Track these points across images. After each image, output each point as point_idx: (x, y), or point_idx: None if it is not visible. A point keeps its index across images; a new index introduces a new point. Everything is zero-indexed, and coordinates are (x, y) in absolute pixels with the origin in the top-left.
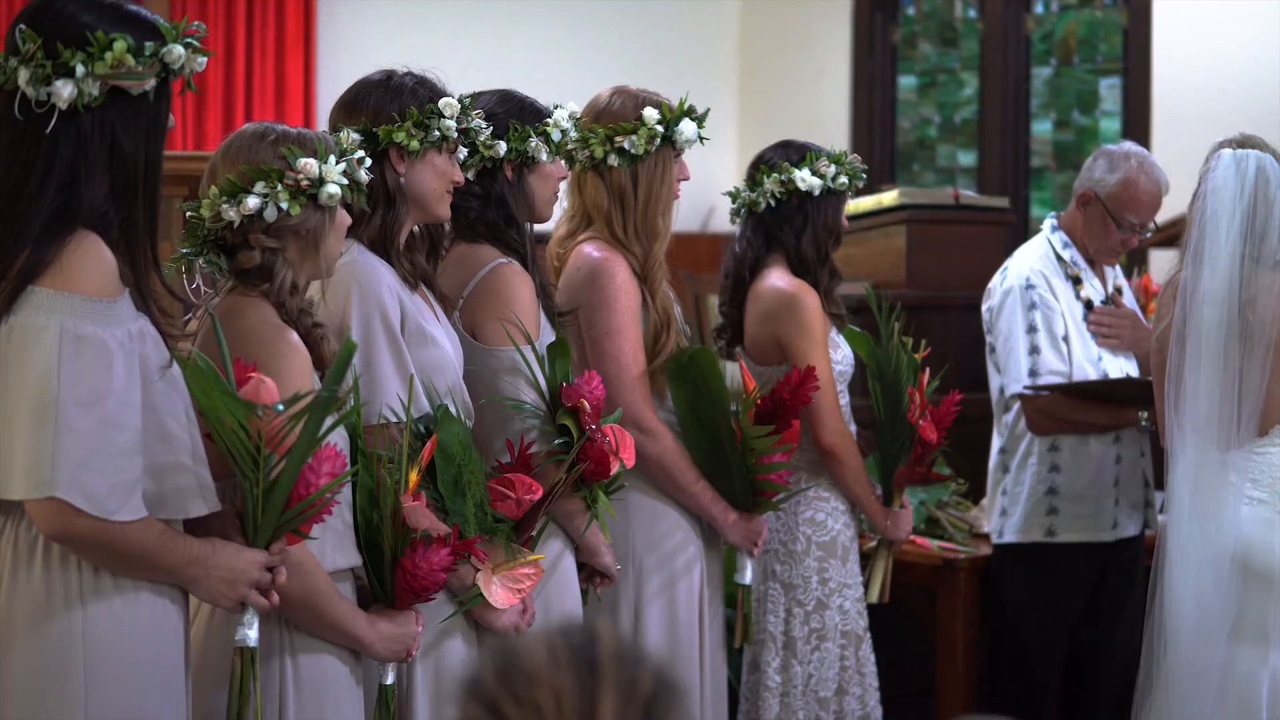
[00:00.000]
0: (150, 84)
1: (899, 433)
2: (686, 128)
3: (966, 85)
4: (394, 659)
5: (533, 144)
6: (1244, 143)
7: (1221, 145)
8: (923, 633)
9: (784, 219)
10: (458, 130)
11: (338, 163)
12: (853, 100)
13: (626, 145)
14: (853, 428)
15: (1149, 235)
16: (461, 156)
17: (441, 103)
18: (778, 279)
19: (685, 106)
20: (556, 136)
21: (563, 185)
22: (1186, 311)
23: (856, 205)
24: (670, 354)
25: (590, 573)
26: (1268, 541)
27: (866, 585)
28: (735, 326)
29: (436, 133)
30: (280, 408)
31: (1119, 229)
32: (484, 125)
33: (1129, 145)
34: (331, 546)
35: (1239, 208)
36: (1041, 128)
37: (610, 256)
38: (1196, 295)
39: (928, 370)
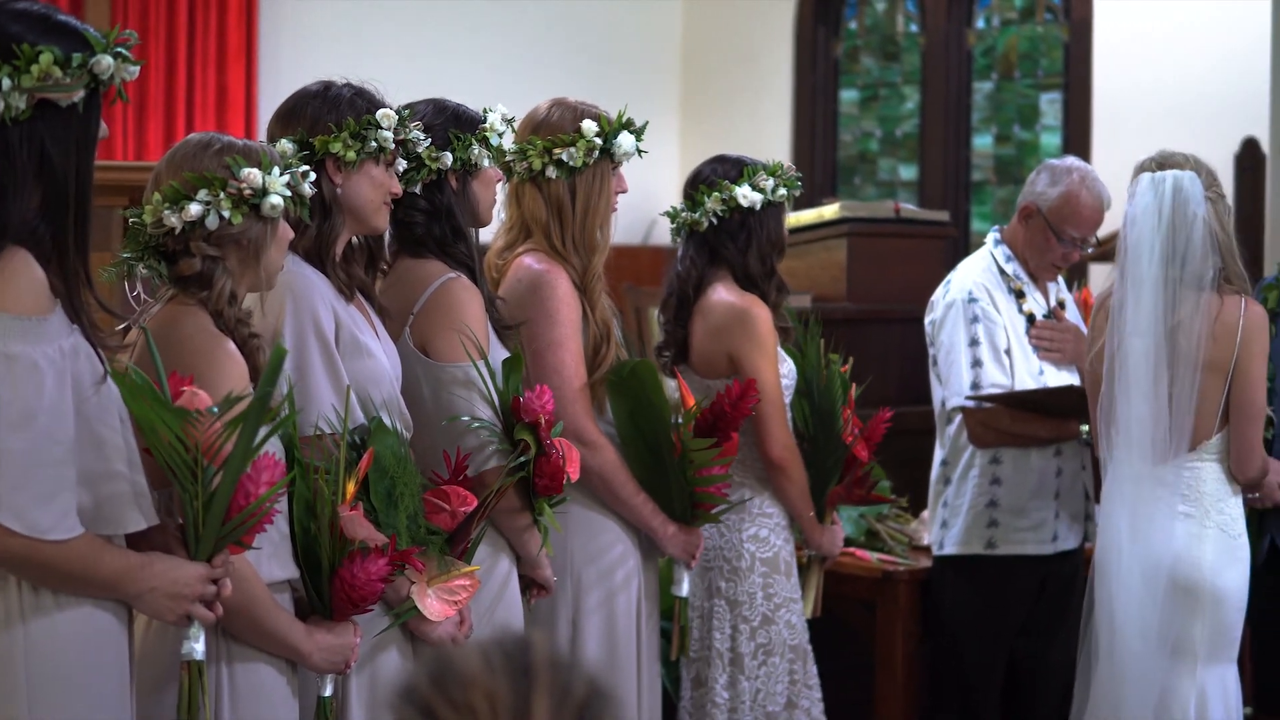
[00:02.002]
0: (79, 95)
1: (831, 450)
2: (625, 140)
3: (908, 99)
4: (332, 670)
5: (475, 151)
6: (1164, 163)
7: (1142, 168)
8: (862, 644)
9: (727, 235)
10: (395, 141)
11: (281, 174)
12: (794, 113)
13: (565, 157)
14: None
15: (1090, 250)
16: (400, 168)
17: (379, 114)
18: (727, 293)
19: (624, 119)
20: (495, 140)
21: (500, 196)
22: (1117, 335)
23: (797, 218)
24: (611, 366)
25: (528, 584)
26: (1194, 556)
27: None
28: (679, 344)
29: (374, 144)
30: (215, 410)
31: (1060, 243)
32: (422, 137)
33: (1071, 160)
34: (268, 557)
35: (1159, 233)
36: (982, 142)
37: (551, 268)
38: (1124, 324)
39: (854, 385)
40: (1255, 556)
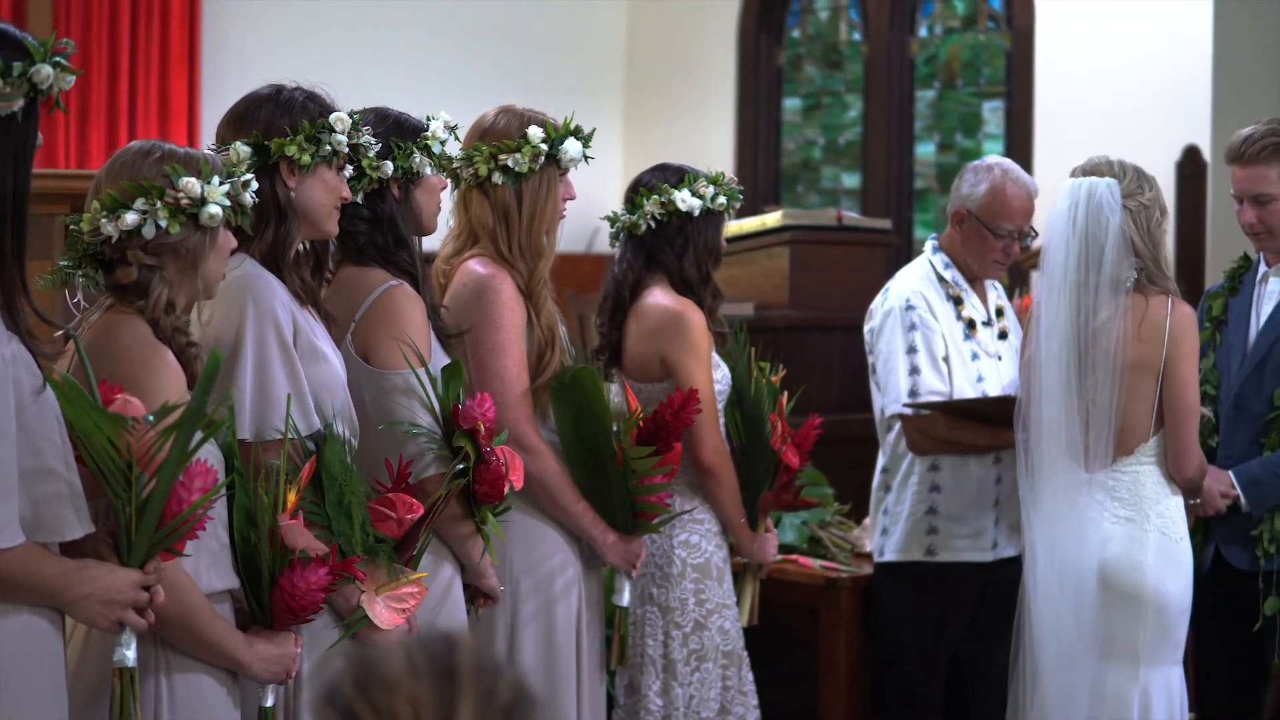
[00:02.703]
0: (18, 105)
1: (761, 458)
2: (571, 146)
3: (851, 107)
4: (273, 680)
5: (417, 159)
6: (1091, 170)
7: (1071, 174)
8: (805, 651)
9: (665, 240)
10: (348, 145)
11: (221, 184)
12: (737, 121)
13: (511, 163)
14: (726, 448)
15: (1029, 242)
16: (348, 174)
17: (333, 117)
18: (662, 297)
19: (570, 126)
20: (437, 148)
21: (448, 204)
22: (1038, 340)
23: (740, 226)
24: (554, 373)
25: (473, 593)
26: (1135, 561)
27: (737, 608)
28: (614, 347)
29: (328, 147)
30: (150, 419)
31: (997, 238)
32: (373, 141)
33: (992, 158)
34: (206, 566)
35: (1074, 237)
36: (925, 150)
37: (496, 274)
38: (1042, 324)
39: (785, 393)
40: (1201, 564)
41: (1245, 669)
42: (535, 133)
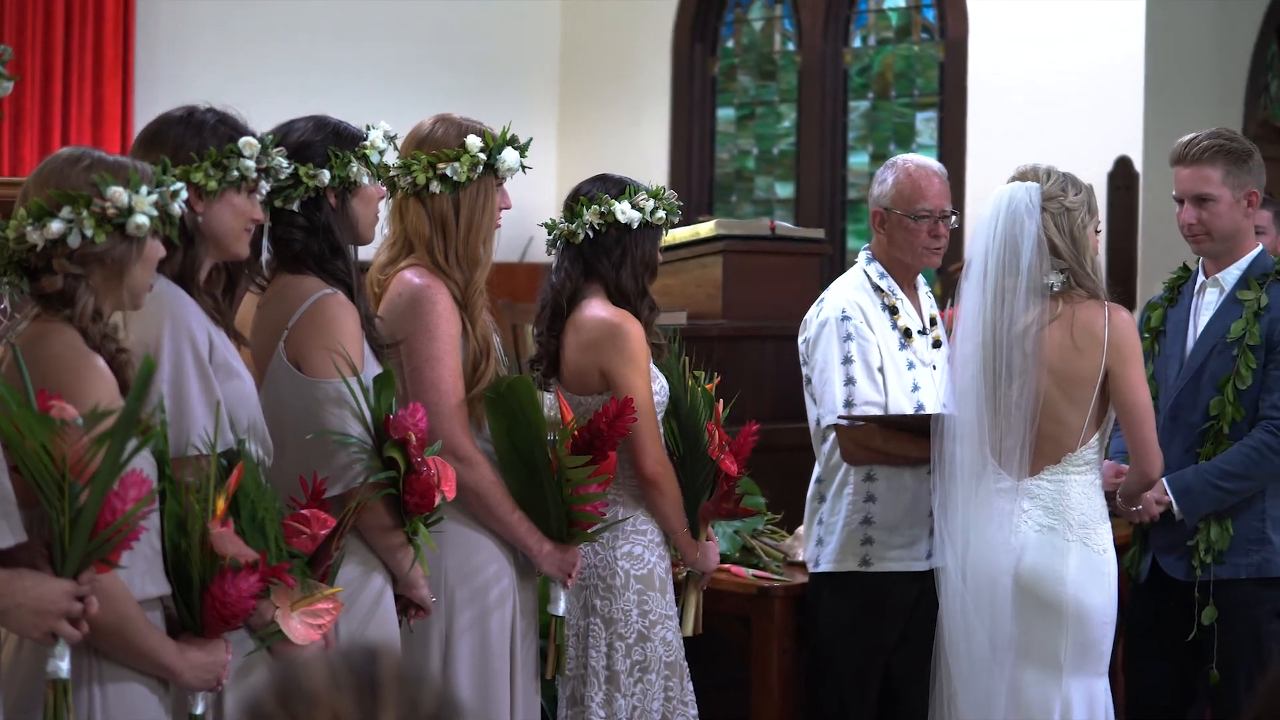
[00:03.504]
0: None
1: (700, 466)
2: (509, 156)
3: (785, 118)
4: (204, 688)
5: (354, 169)
6: (1020, 176)
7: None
8: (738, 660)
9: (602, 250)
10: (258, 170)
11: (149, 193)
12: (672, 131)
13: (449, 172)
14: None
15: (953, 219)
16: (264, 192)
17: (241, 142)
18: (600, 308)
19: (508, 135)
20: (375, 158)
21: (384, 211)
22: (957, 345)
23: (673, 236)
24: (489, 383)
25: (405, 604)
26: (1056, 571)
27: (680, 618)
28: (552, 357)
29: (235, 173)
30: (80, 423)
31: (918, 221)
32: (285, 164)
33: (892, 158)
34: (140, 573)
35: (993, 244)
36: (858, 160)
37: (431, 284)
38: (961, 329)
39: (721, 401)
40: (1138, 574)
41: (1182, 679)
42: (474, 142)
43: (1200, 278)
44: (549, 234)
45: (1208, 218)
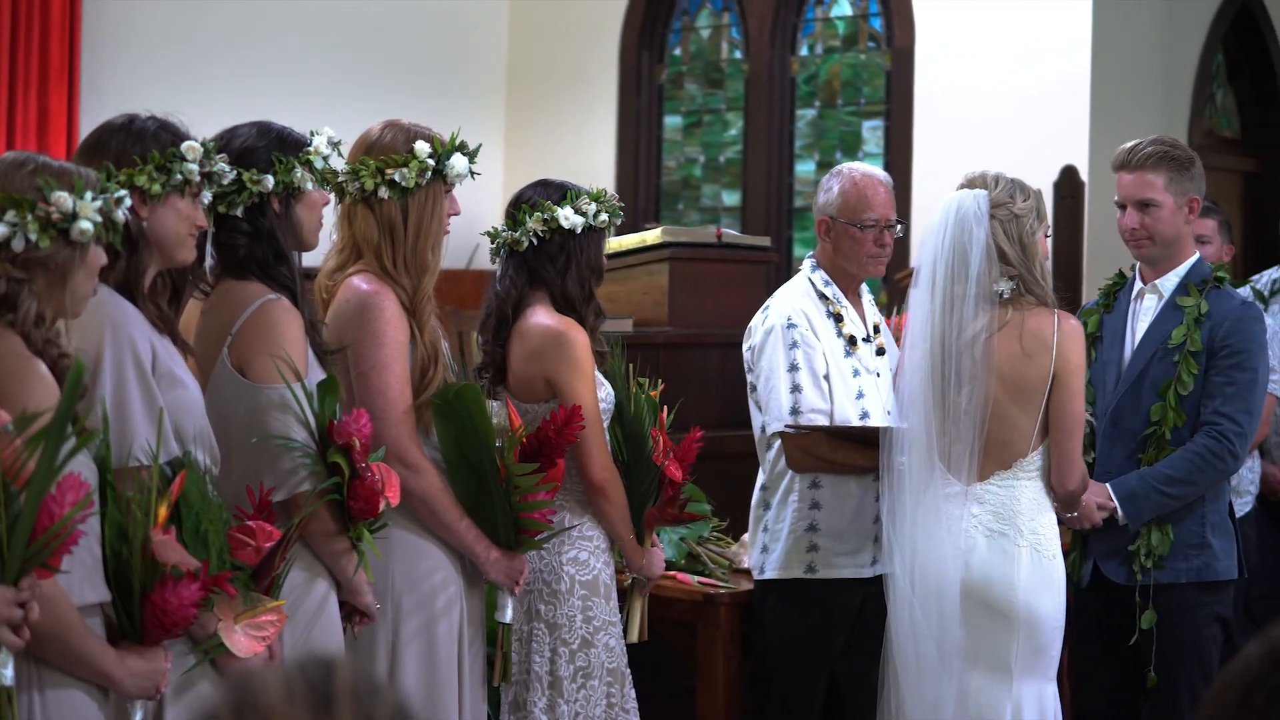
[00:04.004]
0: None
1: (645, 473)
2: (458, 162)
3: (731, 125)
4: (143, 695)
5: (298, 174)
6: (969, 184)
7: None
8: (684, 667)
9: (547, 257)
10: (201, 174)
11: (94, 199)
12: (619, 138)
13: (397, 178)
14: None
15: (899, 229)
16: (206, 200)
17: (184, 146)
18: (545, 316)
19: (457, 141)
20: (319, 164)
21: (331, 218)
22: (906, 350)
23: (620, 243)
24: (437, 389)
25: (350, 611)
26: (1007, 577)
27: (625, 625)
28: (498, 365)
29: (179, 176)
30: (10, 428)
31: (864, 230)
32: (227, 169)
33: (838, 166)
34: (80, 580)
35: (942, 249)
36: (805, 168)
37: (379, 290)
38: (910, 334)
39: (666, 408)
40: (1080, 579)
41: (1123, 683)
42: (422, 148)
43: (1137, 284)
44: (492, 242)
45: (1150, 223)
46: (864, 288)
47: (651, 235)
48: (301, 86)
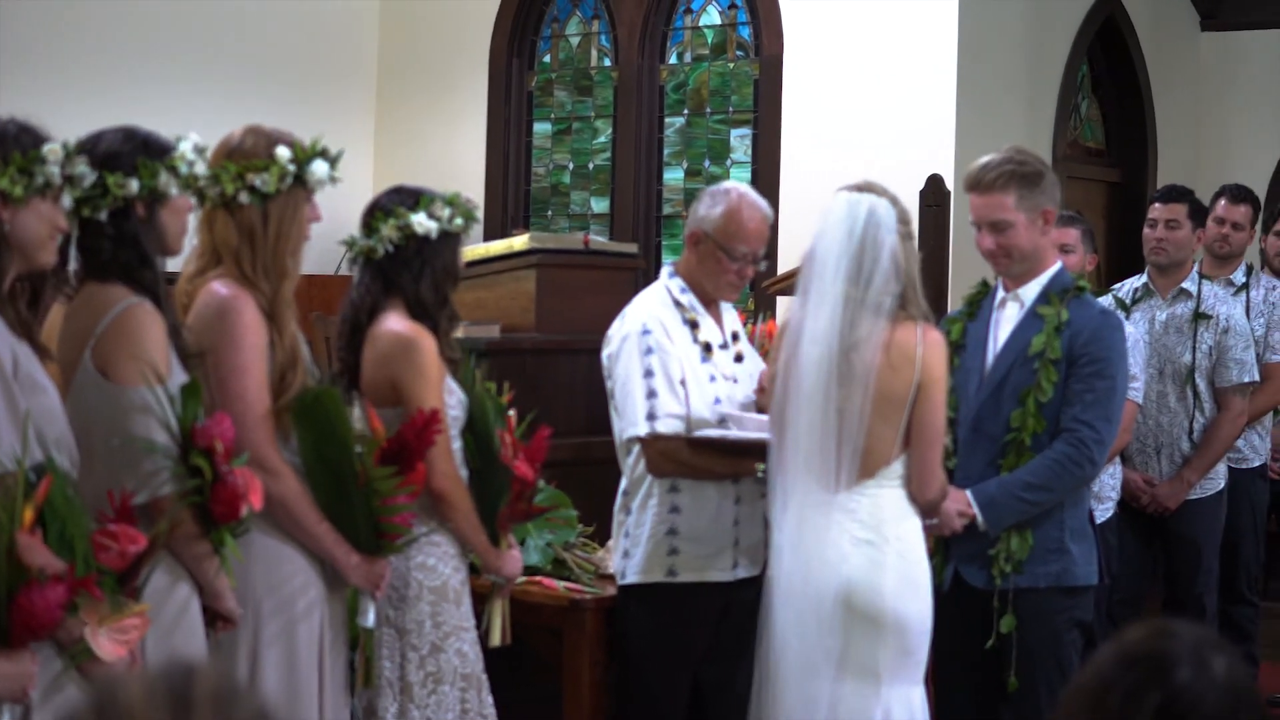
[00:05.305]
0: None
1: (495, 474)
2: (319, 168)
3: (601, 133)
4: (10, 698)
5: (163, 179)
6: (863, 188)
7: (841, 189)
8: (550, 672)
9: (402, 264)
10: (62, 176)
11: None
12: (488, 145)
13: (258, 183)
14: (464, 472)
15: (763, 266)
16: (67, 205)
17: (45, 149)
18: (395, 323)
19: (318, 147)
20: (184, 169)
21: (192, 222)
22: (792, 351)
23: (487, 249)
24: (296, 394)
25: (212, 616)
26: (874, 583)
27: (487, 629)
28: (353, 372)
29: (40, 179)
30: None
31: (732, 260)
32: (88, 171)
33: (729, 182)
34: None
35: (848, 250)
36: (673, 176)
37: (238, 294)
38: (802, 335)
39: (515, 411)
40: (941, 583)
41: (982, 687)
42: (283, 153)
43: (1000, 293)
44: (349, 250)
45: (1006, 242)
46: None
47: (519, 241)
48: (167, 90)
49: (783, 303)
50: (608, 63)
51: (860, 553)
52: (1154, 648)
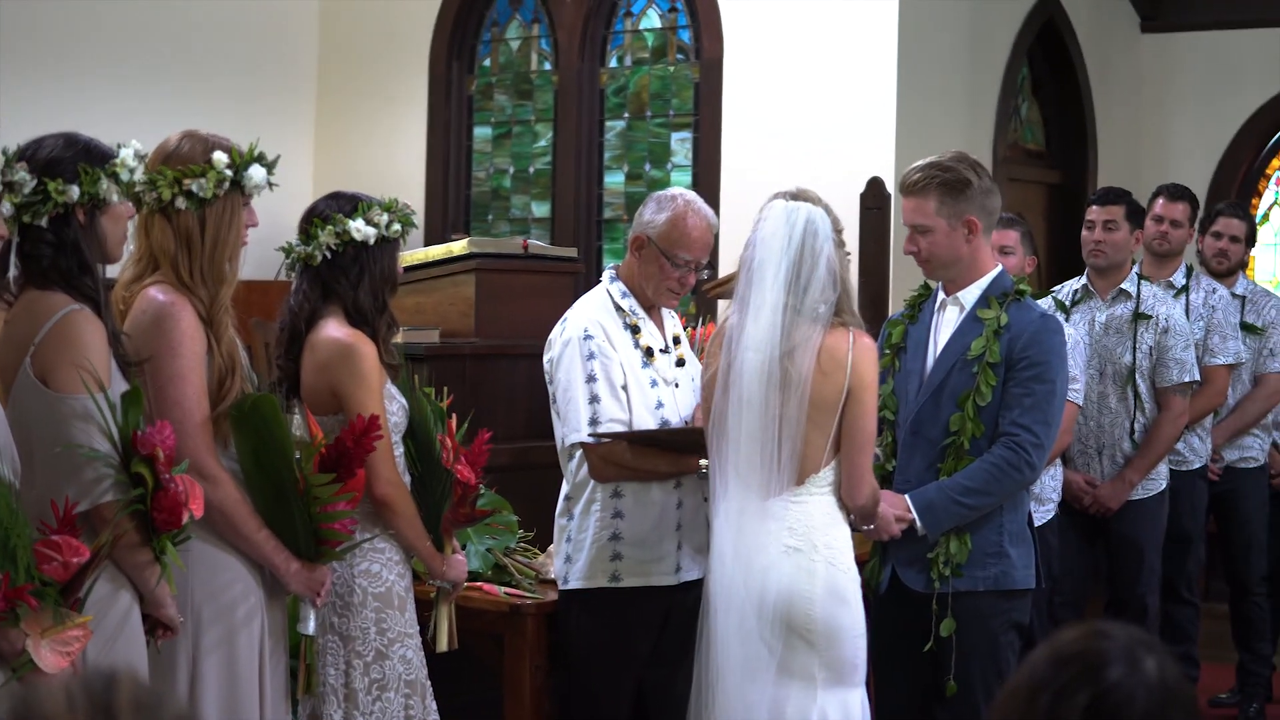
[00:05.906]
0: None
1: (437, 479)
2: (256, 173)
3: (541, 137)
4: None
5: (104, 186)
6: (798, 195)
7: (776, 196)
8: (491, 678)
9: (340, 270)
10: (2, 183)
11: None
12: (428, 149)
13: (195, 188)
14: (407, 478)
15: (705, 275)
16: (7, 212)
17: None
18: (334, 329)
19: (255, 152)
20: (125, 176)
21: (130, 228)
22: (731, 358)
23: (427, 254)
24: (234, 400)
25: (153, 624)
26: (806, 593)
27: (434, 634)
28: (292, 379)
29: None
30: None
31: (675, 267)
32: (28, 178)
33: (676, 189)
34: None
35: (786, 258)
36: (614, 180)
37: (176, 300)
38: (741, 341)
39: (455, 416)
40: (879, 586)
41: (921, 690)
42: (220, 158)
43: (940, 296)
44: (287, 257)
45: (926, 246)
46: None
47: (458, 246)
48: (108, 94)
49: (723, 305)
50: (548, 66)
51: (789, 561)
52: (1086, 647)
